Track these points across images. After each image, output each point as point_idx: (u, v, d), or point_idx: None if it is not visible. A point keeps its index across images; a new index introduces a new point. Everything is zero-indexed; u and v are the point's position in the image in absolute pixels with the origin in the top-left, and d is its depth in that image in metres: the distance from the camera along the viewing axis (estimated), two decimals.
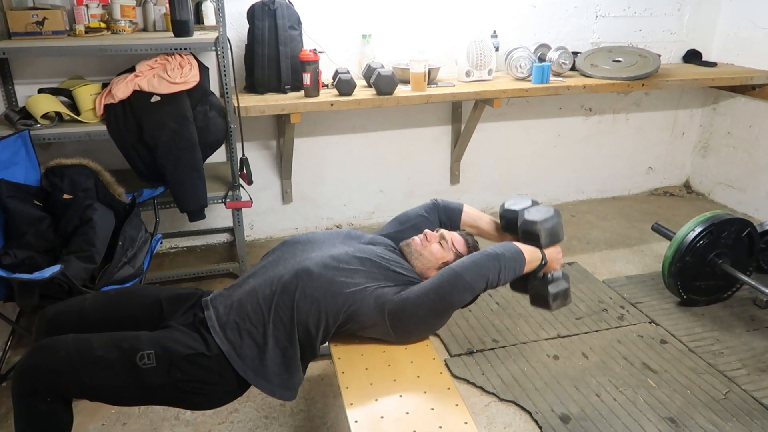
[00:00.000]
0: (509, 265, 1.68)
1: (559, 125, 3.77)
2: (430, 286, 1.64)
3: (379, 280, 1.68)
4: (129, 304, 1.70)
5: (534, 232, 1.77)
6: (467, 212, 2.01)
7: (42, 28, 2.38)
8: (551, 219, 1.79)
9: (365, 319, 1.65)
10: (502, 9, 3.35)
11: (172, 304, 1.70)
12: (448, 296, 1.62)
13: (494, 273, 1.65)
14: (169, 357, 1.49)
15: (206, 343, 1.56)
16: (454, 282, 1.62)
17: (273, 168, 3.30)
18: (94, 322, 1.64)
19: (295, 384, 1.62)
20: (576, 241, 3.42)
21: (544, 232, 1.77)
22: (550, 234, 1.78)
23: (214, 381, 1.55)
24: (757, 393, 2.20)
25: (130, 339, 1.51)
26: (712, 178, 4.04)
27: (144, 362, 1.47)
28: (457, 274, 1.62)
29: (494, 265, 1.65)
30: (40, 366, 1.45)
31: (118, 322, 1.64)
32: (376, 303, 1.63)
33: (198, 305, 1.69)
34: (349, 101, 2.75)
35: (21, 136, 2.26)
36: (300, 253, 1.73)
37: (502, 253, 1.68)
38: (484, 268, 1.64)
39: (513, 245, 1.73)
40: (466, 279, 1.61)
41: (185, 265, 3.10)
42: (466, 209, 2.02)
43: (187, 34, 2.44)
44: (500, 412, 2.13)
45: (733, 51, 3.76)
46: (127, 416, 2.07)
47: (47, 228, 2.18)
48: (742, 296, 2.80)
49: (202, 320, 1.61)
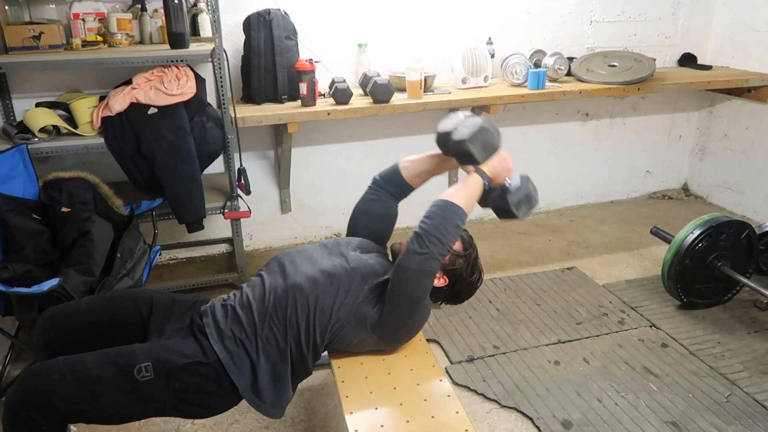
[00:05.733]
0: (446, 225, 1.54)
1: (557, 130, 3.78)
2: (389, 290, 1.61)
3: (365, 294, 1.66)
4: (124, 305, 1.69)
5: (465, 151, 1.64)
6: (404, 167, 1.88)
7: (39, 42, 2.39)
8: (480, 132, 1.65)
9: (351, 337, 1.66)
10: (497, 16, 3.37)
11: (167, 307, 1.69)
12: (409, 293, 1.58)
13: (436, 244, 1.53)
14: (166, 367, 1.49)
15: (203, 349, 1.55)
16: (403, 277, 1.56)
17: (271, 178, 3.30)
18: (88, 322, 1.64)
19: (284, 402, 1.61)
20: (575, 246, 3.42)
21: (476, 148, 1.64)
22: (483, 148, 1.66)
23: (211, 389, 1.55)
24: (760, 395, 2.19)
25: (125, 354, 1.50)
26: (710, 181, 4.05)
27: (142, 375, 1.46)
28: (402, 267, 1.56)
29: (431, 238, 1.53)
30: (33, 393, 1.42)
31: (112, 321, 1.64)
32: (356, 321, 1.64)
33: (195, 311, 1.68)
34: (345, 110, 2.76)
35: (19, 150, 2.26)
36: (291, 269, 1.70)
37: (431, 224, 1.55)
38: (419, 245, 1.54)
39: (441, 203, 1.58)
40: (413, 268, 1.54)
41: (185, 276, 3.10)
42: (402, 164, 1.89)
43: (184, 46, 2.45)
44: (502, 418, 2.12)
45: (728, 54, 3.77)
46: (128, 428, 2.06)
47: (46, 241, 2.18)
48: (743, 298, 2.80)
49: (200, 327, 1.61)
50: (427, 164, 1.88)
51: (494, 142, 1.70)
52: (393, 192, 1.90)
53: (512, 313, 2.73)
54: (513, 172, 1.73)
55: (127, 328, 1.65)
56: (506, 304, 2.79)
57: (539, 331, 2.59)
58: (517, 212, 1.70)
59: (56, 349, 1.59)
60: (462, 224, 1.58)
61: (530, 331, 2.59)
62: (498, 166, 1.69)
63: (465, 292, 1.78)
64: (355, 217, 1.95)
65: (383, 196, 1.90)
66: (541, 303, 2.81)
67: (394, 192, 1.90)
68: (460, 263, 1.72)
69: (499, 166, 1.69)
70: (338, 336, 1.64)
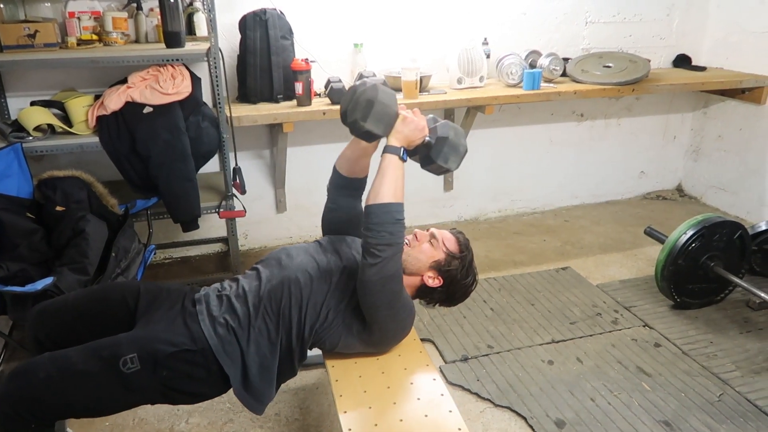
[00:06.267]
0: (386, 228, 1.51)
1: (552, 131, 3.79)
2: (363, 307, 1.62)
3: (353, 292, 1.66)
4: (111, 295, 1.69)
5: (364, 130, 1.56)
6: (340, 166, 1.87)
7: (34, 40, 2.39)
8: (368, 106, 1.54)
9: (336, 338, 1.66)
10: (492, 16, 3.37)
11: (154, 294, 1.69)
12: (379, 301, 1.57)
13: (385, 249, 1.50)
14: (152, 357, 1.48)
15: (192, 336, 1.55)
16: (368, 291, 1.55)
17: (266, 177, 3.30)
18: (76, 315, 1.64)
19: (266, 398, 1.61)
20: (570, 246, 3.43)
21: (373, 122, 1.54)
22: (379, 120, 1.55)
23: (200, 376, 1.55)
24: (751, 395, 2.20)
25: (110, 346, 1.49)
26: (704, 182, 4.07)
27: (128, 367, 1.46)
28: (363, 282, 1.55)
29: (378, 247, 1.51)
30: (20, 391, 1.42)
31: (100, 312, 1.65)
32: (344, 324, 1.65)
33: (187, 298, 1.68)
34: None
35: (13, 149, 2.26)
36: (287, 262, 1.73)
37: (372, 234, 1.51)
38: (374, 258, 1.51)
39: (370, 209, 1.54)
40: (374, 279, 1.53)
41: (179, 275, 3.10)
42: (337, 164, 1.87)
43: (179, 45, 2.45)
44: (495, 418, 2.13)
45: (722, 55, 3.79)
46: (122, 428, 2.06)
47: (40, 240, 2.18)
48: (735, 298, 2.82)
49: (192, 313, 1.61)
50: (355, 151, 1.81)
51: (389, 110, 1.57)
52: (346, 193, 1.89)
53: (506, 313, 2.73)
54: (425, 127, 1.64)
55: (115, 318, 1.64)
56: (500, 304, 2.80)
57: (533, 330, 2.60)
58: (448, 165, 1.65)
59: (47, 345, 1.59)
60: (400, 215, 1.53)
61: (524, 331, 2.60)
62: (405, 131, 1.59)
63: (459, 294, 1.78)
64: (326, 229, 1.97)
65: (341, 201, 1.91)
66: (536, 303, 2.82)
67: (347, 193, 1.89)
68: (456, 264, 1.72)
69: (405, 130, 1.60)
70: (326, 334, 1.65)
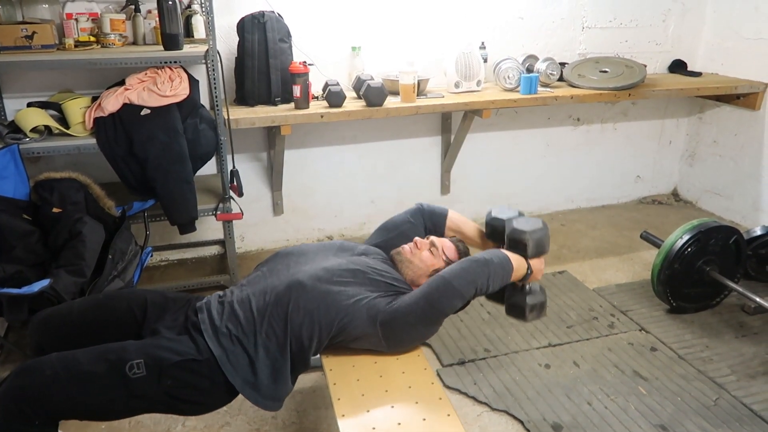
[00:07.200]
0: (498, 272, 1.69)
1: (548, 135, 3.80)
2: (420, 294, 1.64)
3: (371, 292, 1.68)
4: (117, 305, 1.69)
5: (522, 241, 1.78)
6: (452, 218, 2.02)
7: (31, 42, 2.38)
8: (540, 230, 1.80)
9: (357, 331, 1.65)
10: (490, 21, 3.39)
11: (161, 306, 1.69)
12: (438, 304, 1.63)
13: (483, 279, 1.65)
14: (158, 365, 1.48)
15: (197, 346, 1.55)
16: (443, 289, 1.62)
17: (264, 180, 3.30)
18: (81, 324, 1.64)
19: (282, 395, 1.62)
20: (566, 250, 3.44)
21: (533, 242, 1.78)
22: (537, 245, 1.79)
23: (204, 386, 1.55)
24: (747, 399, 2.21)
25: (117, 350, 1.49)
26: (700, 186, 4.09)
27: (134, 372, 1.46)
28: (447, 281, 1.63)
29: (483, 271, 1.66)
30: (27, 388, 1.42)
31: (105, 322, 1.64)
32: (368, 315, 1.63)
33: (190, 308, 1.68)
34: (339, 113, 2.76)
35: (10, 150, 2.25)
36: (293, 266, 1.73)
37: (491, 260, 1.69)
38: (473, 274, 1.65)
39: (501, 252, 1.74)
40: (455, 286, 1.62)
41: (176, 278, 3.09)
42: (451, 215, 2.02)
43: (177, 47, 2.45)
44: (492, 421, 2.13)
45: (718, 61, 3.81)
46: (118, 431, 2.05)
47: (36, 242, 2.17)
48: (731, 303, 2.83)
49: (195, 323, 1.61)
50: (470, 231, 2.01)
51: (546, 245, 1.83)
52: (428, 226, 2.01)
53: (503, 317, 2.70)
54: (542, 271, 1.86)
55: (120, 329, 1.64)
56: (497, 308, 2.79)
57: (530, 334, 2.61)
58: (529, 315, 1.84)
59: (49, 352, 1.58)
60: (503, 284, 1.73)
61: (521, 335, 2.60)
62: (538, 267, 1.81)
63: None
64: (387, 229, 2.00)
65: (419, 223, 2.00)
66: None
67: (429, 226, 2.01)
68: None
69: (538, 266, 1.82)
70: (346, 329, 1.63)
